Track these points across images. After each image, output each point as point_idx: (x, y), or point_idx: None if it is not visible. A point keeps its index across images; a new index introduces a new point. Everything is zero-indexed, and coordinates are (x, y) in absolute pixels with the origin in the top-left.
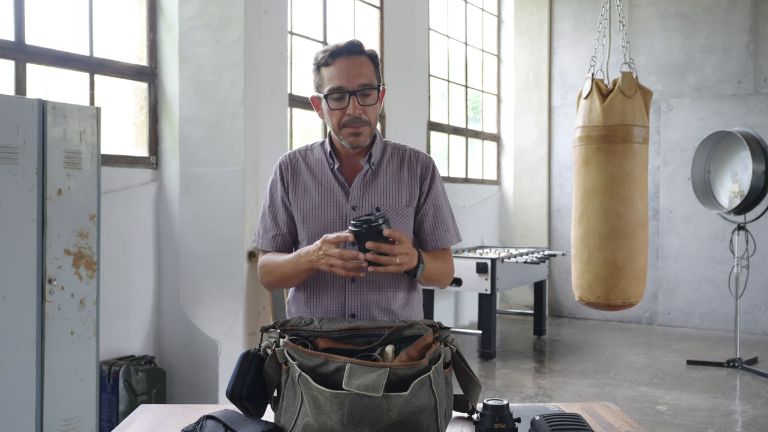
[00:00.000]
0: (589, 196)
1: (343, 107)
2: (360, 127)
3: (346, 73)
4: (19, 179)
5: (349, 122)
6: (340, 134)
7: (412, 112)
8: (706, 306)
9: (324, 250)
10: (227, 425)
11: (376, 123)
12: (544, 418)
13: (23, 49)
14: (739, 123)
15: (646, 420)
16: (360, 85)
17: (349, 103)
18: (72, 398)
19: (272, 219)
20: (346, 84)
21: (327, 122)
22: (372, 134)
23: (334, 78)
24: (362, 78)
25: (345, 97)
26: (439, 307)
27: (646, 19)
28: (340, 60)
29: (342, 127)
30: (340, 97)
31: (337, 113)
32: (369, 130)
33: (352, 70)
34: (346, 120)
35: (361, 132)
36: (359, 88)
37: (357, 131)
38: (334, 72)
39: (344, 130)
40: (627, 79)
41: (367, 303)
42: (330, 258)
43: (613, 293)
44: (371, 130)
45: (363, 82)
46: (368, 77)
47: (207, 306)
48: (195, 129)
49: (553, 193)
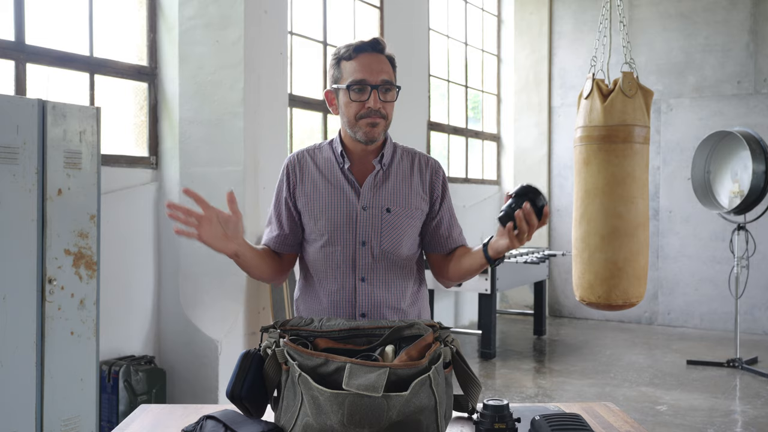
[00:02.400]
0: (589, 196)
1: (363, 100)
2: (377, 119)
3: (370, 67)
4: (19, 179)
5: (367, 114)
6: (355, 126)
7: (412, 112)
8: (706, 306)
9: None
10: (227, 425)
11: (390, 122)
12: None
13: (23, 49)
14: (739, 123)
15: (646, 420)
16: (382, 81)
17: (370, 96)
18: (72, 398)
19: (276, 219)
20: (369, 77)
21: (342, 116)
22: (385, 132)
23: (357, 71)
24: (384, 74)
25: (366, 90)
26: (439, 307)
27: (646, 19)
28: (364, 55)
29: (359, 118)
30: (362, 90)
31: (356, 105)
32: (384, 125)
33: (376, 65)
34: (364, 112)
35: (378, 123)
36: (381, 83)
37: (374, 121)
38: (357, 66)
39: (361, 121)
40: (628, 79)
41: (377, 302)
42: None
43: (614, 293)
44: (386, 126)
45: (385, 78)
46: (390, 75)
47: (207, 306)
48: (195, 129)
49: (553, 193)
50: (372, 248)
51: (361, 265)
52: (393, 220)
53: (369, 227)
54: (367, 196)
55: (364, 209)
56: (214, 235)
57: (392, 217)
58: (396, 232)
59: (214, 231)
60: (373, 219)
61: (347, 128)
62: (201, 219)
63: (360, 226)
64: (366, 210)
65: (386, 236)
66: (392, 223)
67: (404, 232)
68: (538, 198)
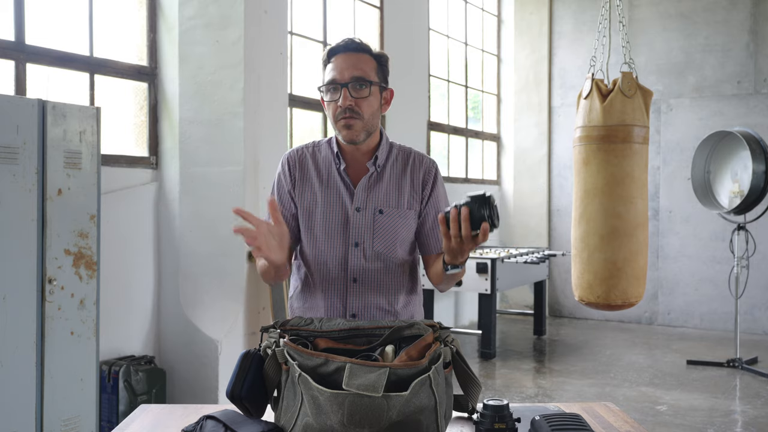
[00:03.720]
0: (589, 196)
1: (336, 99)
2: (351, 120)
3: (340, 67)
4: (19, 179)
5: (342, 114)
6: (336, 127)
7: (412, 112)
8: (706, 306)
9: None
10: (227, 425)
11: (373, 119)
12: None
13: (23, 49)
14: (739, 123)
15: (646, 420)
16: (351, 78)
17: (341, 95)
18: (72, 398)
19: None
20: (338, 77)
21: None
22: (367, 130)
23: (329, 72)
24: (355, 71)
25: (338, 90)
26: (439, 307)
27: (646, 19)
28: (338, 56)
29: (336, 120)
30: (334, 90)
31: (332, 105)
32: (362, 125)
33: (346, 64)
34: (339, 112)
35: (353, 125)
36: (350, 81)
37: (348, 123)
38: (330, 67)
39: (338, 123)
40: (627, 79)
41: (368, 303)
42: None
43: (613, 293)
44: (365, 125)
45: (355, 75)
46: (363, 72)
47: (207, 306)
48: (195, 129)
49: (553, 193)
50: (364, 250)
51: (353, 266)
52: (385, 221)
53: (362, 228)
54: (361, 197)
55: (358, 210)
56: (271, 247)
57: (385, 219)
58: (389, 233)
59: (270, 243)
60: (365, 220)
61: (334, 130)
62: (257, 234)
63: (353, 227)
64: (359, 211)
65: (379, 238)
66: (385, 224)
67: (397, 234)
68: (484, 207)
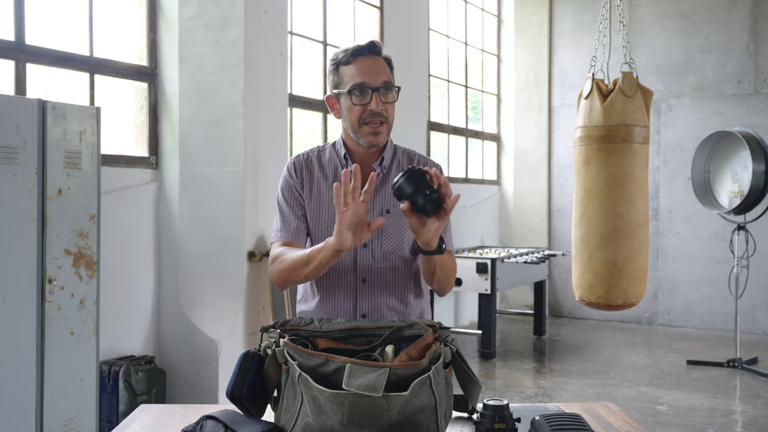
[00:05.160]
0: (589, 196)
1: (365, 103)
2: (380, 126)
3: (369, 70)
4: (19, 179)
5: (369, 119)
6: (359, 132)
7: (412, 112)
8: (706, 306)
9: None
10: (227, 425)
11: (392, 124)
12: (544, 418)
13: (23, 49)
14: (739, 123)
15: (646, 420)
16: (383, 83)
17: (372, 99)
18: (72, 398)
19: (291, 211)
20: (369, 80)
21: (345, 120)
22: (388, 135)
23: (356, 75)
24: (383, 76)
25: (367, 94)
26: (439, 307)
27: (646, 19)
28: (362, 58)
29: (362, 124)
30: (363, 93)
31: (358, 109)
32: (387, 129)
33: (375, 68)
34: (366, 117)
35: (381, 132)
36: (382, 85)
37: (377, 131)
38: (356, 70)
39: (363, 128)
40: (627, 79)
41: (378, 303)
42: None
43: (614, 293)
44: (389, 129)
45: (385, 79)
46: (389, 77)
47: (207, 306)
48: (195, 129)
49: (553, 193)
50: (373, 250)
51: (362, 266)
52: (393, 221)
53: None
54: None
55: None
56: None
57: (392, 218)
58: (396, 233)
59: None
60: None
61: (351, 132)
62: (356, 207)
63: None
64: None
65: (387, 238)
66: (392, 224)
67: (404, 233)
68: (408, 184)
